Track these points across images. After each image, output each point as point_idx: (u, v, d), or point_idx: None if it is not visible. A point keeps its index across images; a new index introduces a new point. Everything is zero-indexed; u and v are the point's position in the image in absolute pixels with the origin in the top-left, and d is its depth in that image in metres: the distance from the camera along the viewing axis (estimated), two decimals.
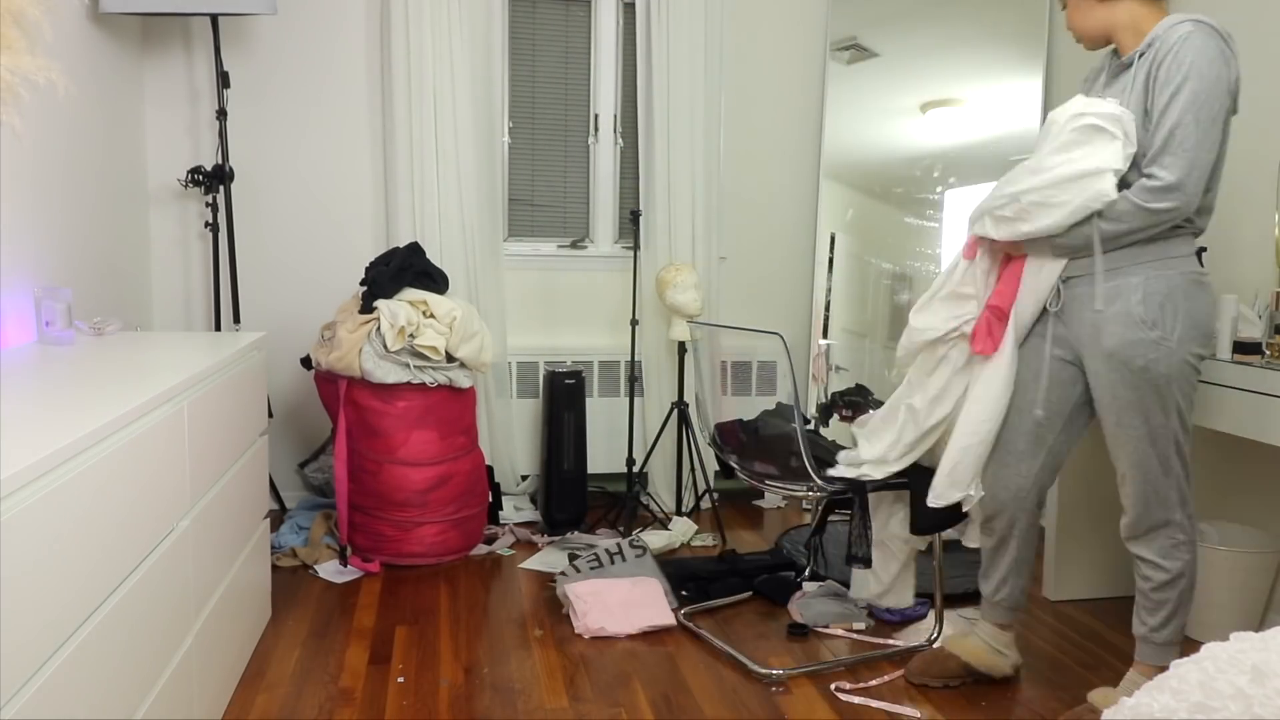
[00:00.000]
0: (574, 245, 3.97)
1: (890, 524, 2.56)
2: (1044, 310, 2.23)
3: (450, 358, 3.19)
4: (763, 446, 2.78)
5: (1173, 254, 2.06)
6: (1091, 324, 2.12)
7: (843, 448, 2.56)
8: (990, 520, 2.36)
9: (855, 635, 2.73)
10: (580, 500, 3.58)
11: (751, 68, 4.00)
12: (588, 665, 2.52)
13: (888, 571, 2.58)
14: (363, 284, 3.24)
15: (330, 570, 3.11)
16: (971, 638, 2.45)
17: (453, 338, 3.15)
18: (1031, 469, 2.28)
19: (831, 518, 2.87)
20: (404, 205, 3.63)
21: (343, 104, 3.71)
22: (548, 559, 3.27)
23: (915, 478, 2.45)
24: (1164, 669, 2.12)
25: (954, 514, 2.40)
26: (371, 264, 3.27)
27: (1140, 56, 2.06)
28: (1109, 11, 2.15)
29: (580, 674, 2.47)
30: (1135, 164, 2.06)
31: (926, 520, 2.42)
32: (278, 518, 3.53)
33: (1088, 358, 2.15)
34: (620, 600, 2.77)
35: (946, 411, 2.33)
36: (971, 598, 3.00)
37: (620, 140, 3.99)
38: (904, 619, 2.83)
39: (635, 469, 3.68)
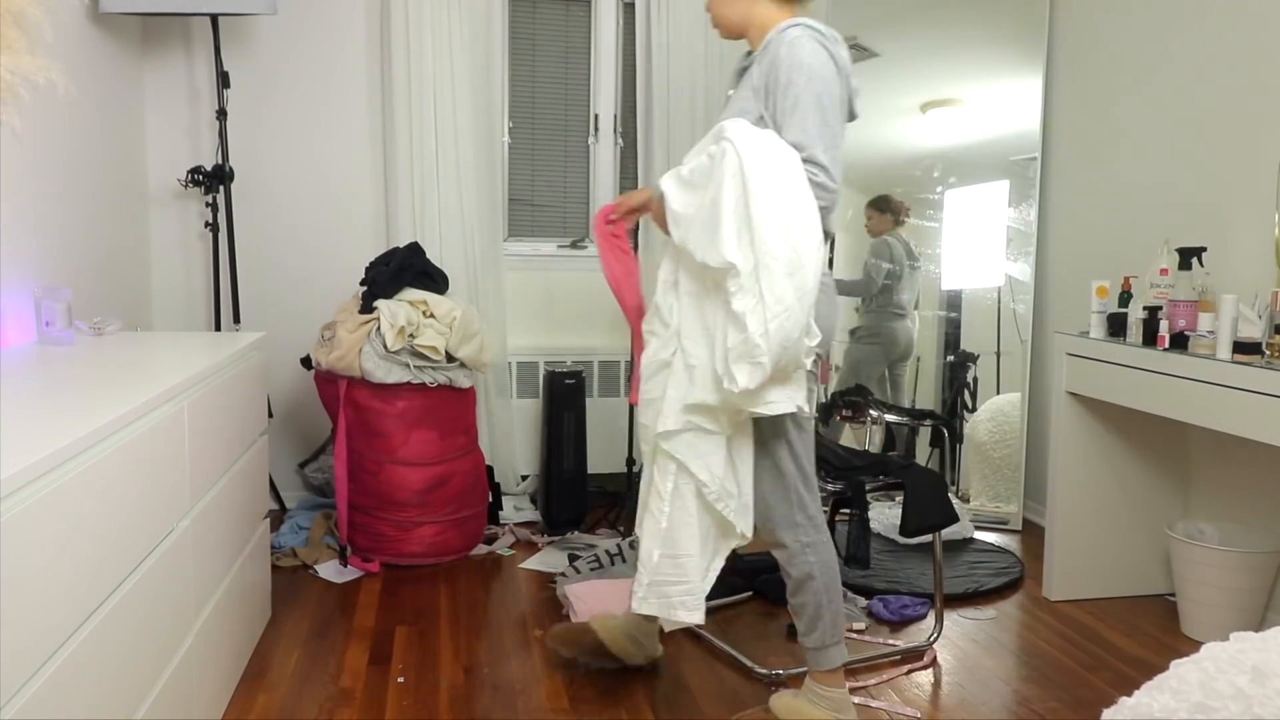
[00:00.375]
0: (574, 245, 3.97)
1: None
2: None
3: (450, 358, 3.19)
4: None
5: None
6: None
7: (843, 448, 2.57)
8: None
9: (855, 635, 2.73)
10: (580, 500, 3.58)
11: None
12: (588, 665, 2.52)
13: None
14: (363, 284, 3.24)
15: (330, 570, 3.11)
16: (614, 621, 2.42)
17: (453, 338, 3.15)
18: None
19: (834, 518, 2.87)
20: (404, 205, 3.63)
21: (343, 104, 3.71)
22: (548, 559, 3.27)
23: (912, 477, 2.45)
24: (836, 672, 2.13)
25: (945, 517, 2.39)
26: (371, 264, 3.27)
27: (761, 54, 2.04)
28: (751, 7, 2.10)
29: (580, 674, 2.47)
30: None
31: (915, 523, 2.40)
32: (278, 518, 3.53)
33: None
34: (620, 600, 2.76)
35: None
36: (971, 597, 3.01)
37: (620, 140, 3.99)
38: (903, 619, 2.83)
39: (635, 469, 3.68)
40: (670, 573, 2.05)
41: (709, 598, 2.93)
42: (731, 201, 1.84)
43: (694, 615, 2.05)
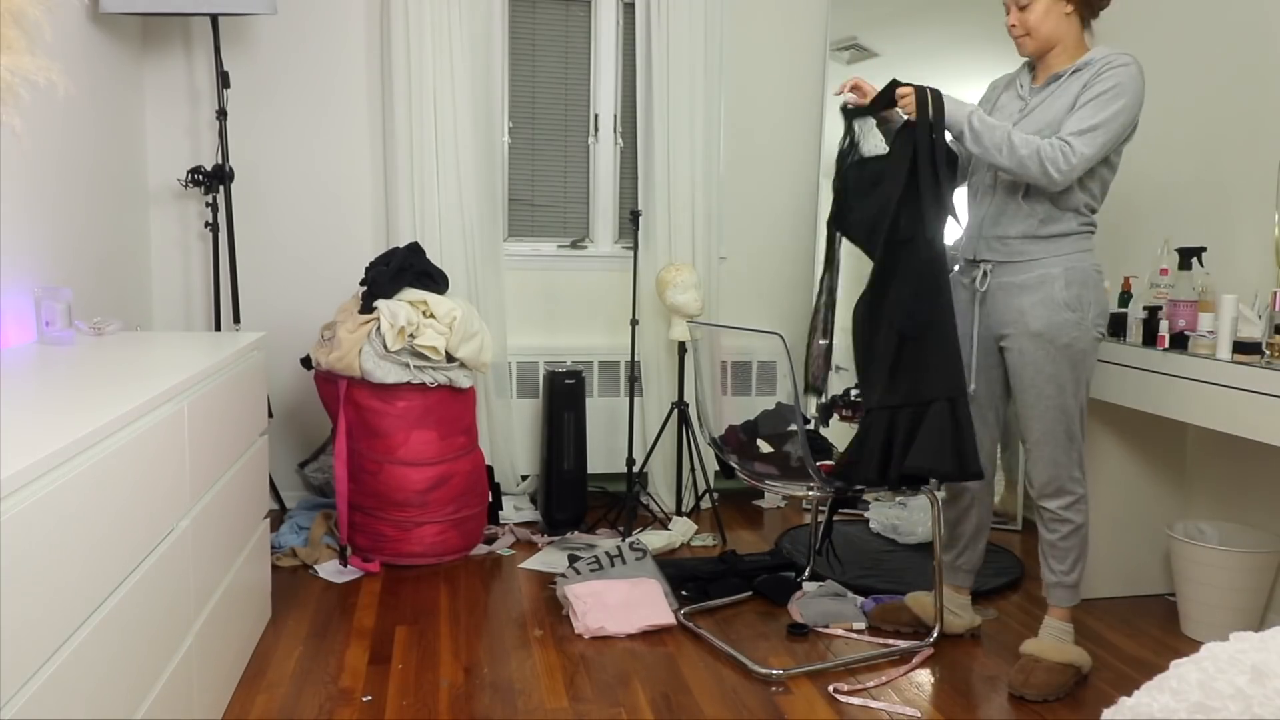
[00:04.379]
0: (574, 245, 3.97)
1: None
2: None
3: (450, 358, 3.19)
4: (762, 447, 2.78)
5: (1084, 248, 2.39)
6: (1016, 309, 2.40)
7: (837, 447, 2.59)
8: (957, 495, 2.65)
9: (855, 635, 2.73)
10: (580, 500, 3.58)
11: (751, 68, 4.00)
12: (588, 665, 2.52)
13: None
14: (362, 284, 3.24)
15: (330, 570, 3.11)
16: (928, 596, 2.71)
17: (453, 338, 3.15)
18: (982, 442, 2.56)
19: (835, 517, 2.88)
20: (404, 205, 3.63)
21: (343, 104, 3.71)
22: (548, 559, 3.27)
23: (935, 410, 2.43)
24: (1071, 610, 2.51)
25: (959, 467, 2.40)
26: (371, 264, 3.27)
27: (1075, 72, 2.32)
28: (1070, 25, 2.36)
29: (580, 674, 2.47)
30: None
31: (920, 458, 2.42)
32: (278, 518, 3.53)
33: (1012, 337, 2.42)
34: (620, 600, 2.77)
35: None
36: (971, 597, 3.00)
37: (620, 140, 3.99)
38: None
39: (635, 469, 3.68)
40: None
41: (709, 597, 2.94)
42: None
43: None
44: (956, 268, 2.55)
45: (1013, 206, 2.39)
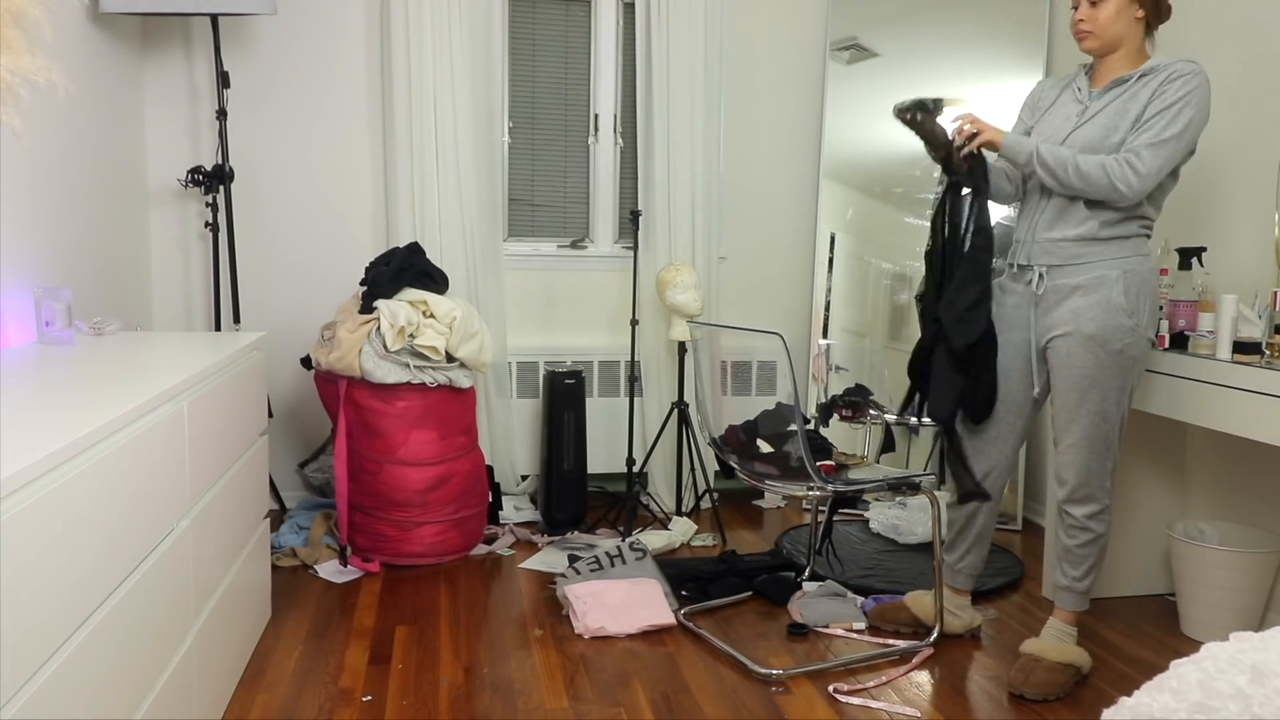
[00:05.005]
0: (574, 245, 3.97)
1: None
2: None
3: (450, 358, 3.19)
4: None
5: (1142, 251, 2.35)
6: (1071, 310, 2.36)
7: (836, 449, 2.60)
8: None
9: (855, 635, 2.73)
10: (580, 500, 3.58)
11: (751, 68, 4.00)
12: (588, 665, 2.52)
13: None
14: (362, 284, 3.24)
15: (330, 570, 3.11)
16: (928, 596, 2.70)
17: (453, 338, 3.15)
18: (1004, 451, 2.55)
19: (835, 517, 2.88)
20: (404, 205, 3.63)
21: (343, 104, 3.71)
22: (548, 559, 3.27)
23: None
24: (1080, 614, 2.51)
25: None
26: (371, 264, 3.27)
27: (1141, 77, 2.30)
28: (1136, 30, 2.34)
29: (580, 674, 2.47)
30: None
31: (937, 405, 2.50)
32: (278, 518, 3.53)
33: (1061, 339, 2.37)
34: (620, 600, 2.77)
35: None
36: (971, 597, 3.00)
37: (620, 140, 3.99)
38: None
39: (635, 469, 3.68)
40: None
41: (709, 597, 2.94)
42: None
43: None
44: (1003, 275, 2.52)
45: (1071, 210, 2.35)
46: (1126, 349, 2.32)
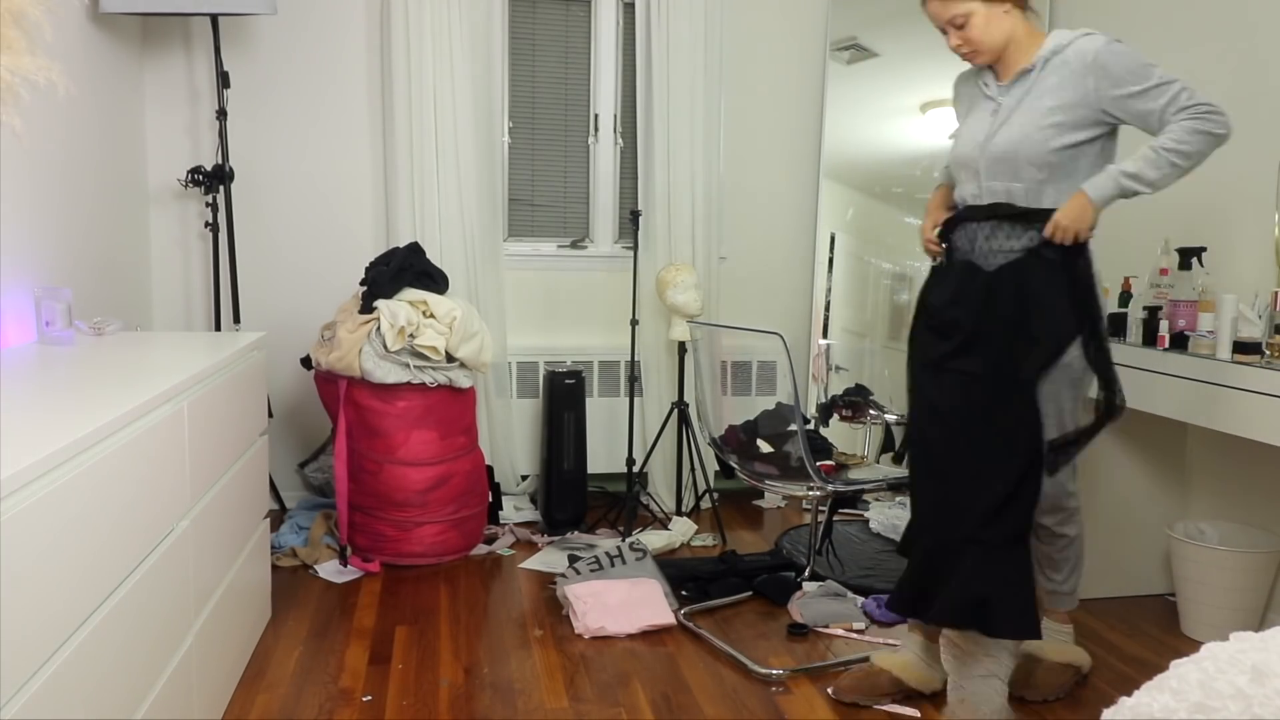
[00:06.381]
0: (574, 245, 3.97)
1: None
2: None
3: (450, 358, 3.19)
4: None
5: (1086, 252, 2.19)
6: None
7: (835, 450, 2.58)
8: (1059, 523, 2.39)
9: (855, 635, 2.73)
10: (580, 500, 3.58)
11: (751, 68, 4.00)
12: (588, 665, 2.52)
13: None
14: (363, 284, 3.24)
15: (330, 570, 3.11)
16: (902, 652, 2.41)
17: (453, 338, 3.15)
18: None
19: (834, 517, 2.87)
20: (404, 205, 3.63)
21: (343, 104, 3.71)
22: (548, 559, 3.27)
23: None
24: (1072, 613, 2.49)
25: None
26: (371, 264, 3.27)
27: (1047, 63, 2.17)
28: (1014, 20, 2.22)
29: (580, 674, 2.47)
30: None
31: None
32: (278, 518, 3.53)
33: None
34: (620, 600, 2.77)
35: None
36: None
37: (620, 140, 3.99)
38: (902, 620, 2.83)
39: (635, 469, 3.68)
40: None
41: (709, 597, 2.94)
42: None
43: None
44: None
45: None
46: (1073, 361, 2.16)
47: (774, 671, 2.47)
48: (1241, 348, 2.40)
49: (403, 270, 3.24)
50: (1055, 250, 2.14)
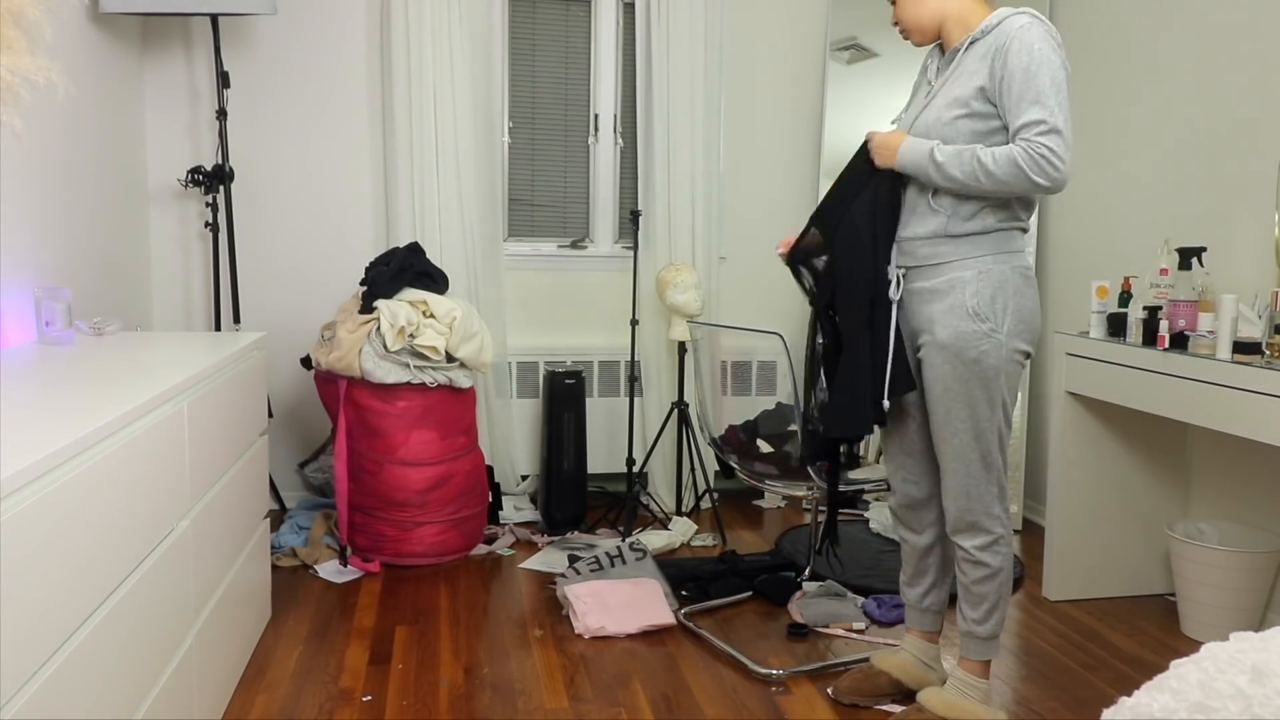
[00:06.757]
0: (574, 245, 3.97)
1: None
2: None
3: (450, 358, 3.19)
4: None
5: (1006, 248, 2.08)
6: (926, 317, 2.12)
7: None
8: (916, 526, 2.30)
9: (855, 635, 2.73)
10: (580, 500, 3.58)
11: (751, 68, 4.00)
12: (588, 665, 2.52)
13: None
14: (362, 284, 3.24)
15: (330, 570, 3.11)
16: (900, 653, 2.38)
17: (453, 338, 3.15)
18: (925, 469, 2.26)
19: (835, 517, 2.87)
20: (404, 205, 3.64)
21: (343, 104, 3.71)
22: (548, 559, 3.27)
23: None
24: (987, 664, 2.19)
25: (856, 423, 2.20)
26: (371, 264, 3.27)
27: (972, 43, 2.06)
28: (941, 2, 2.12)
29: (580, 674, 2.47)
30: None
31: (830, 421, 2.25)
32: (278, 518, 3.53)
33: (923, 349, 2.13)
34: (620, 600, 2.77)
35: None
36: None
37: (620, 140, 3.99)
38: (901, 620, 2.83)
39: (635, 469, 3.68)
40: None
41: (709, 597, 2.94)
42: None
43: None
44: None
45: (921, 205, 2.10)
46: (982, 358, 2.05)
47: (774, 672, 2.47)
48: (1241, 348, 2.40)
49: (403, 270, 3.24)
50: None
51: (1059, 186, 1.98)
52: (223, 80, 3.38)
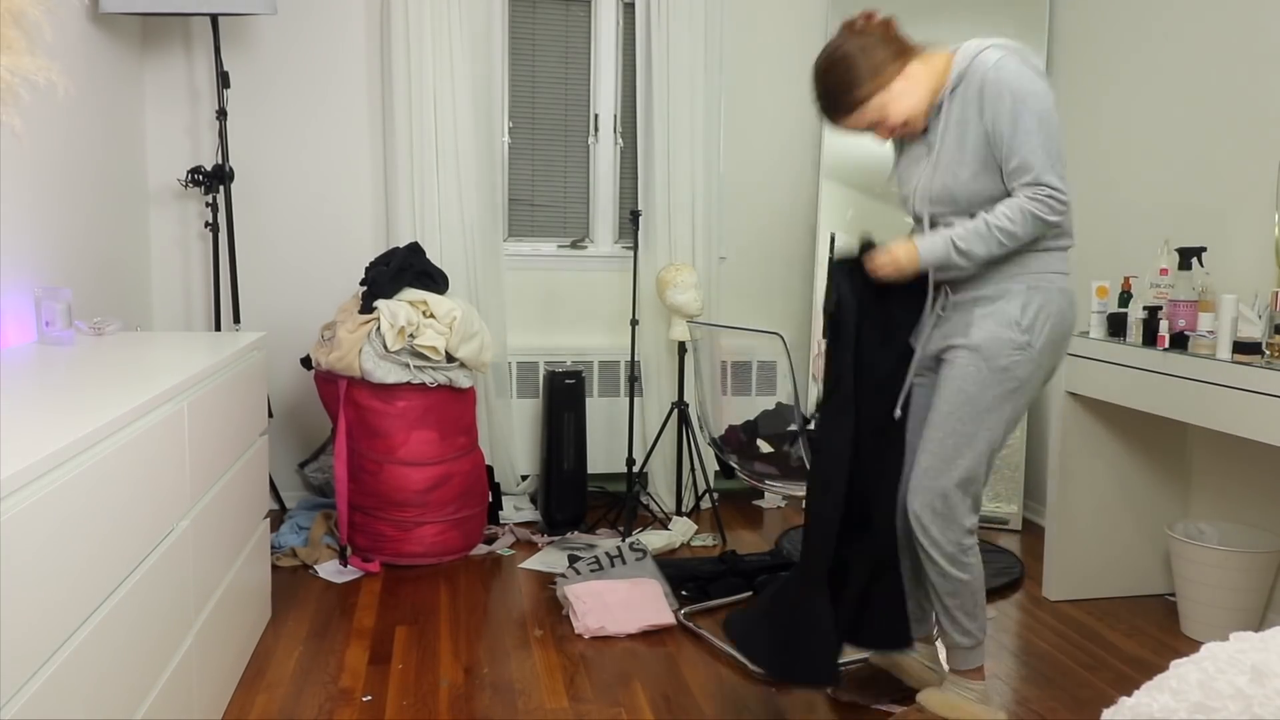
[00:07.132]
0: (574, 245, 3.97)
1: None
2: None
3: (450, 358, 3.19)
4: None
5: (1054, 269, 2.10)
6: (965, 322, 2.12)
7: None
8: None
9: None
10: (580, 500, 3.58)
11: (751, 68, 4.00)
12: (588, 665, 2.52)
13: None
14: (362, 284, 3.24)
15: (330, 570, 3.11)
16: (907, 658, 2.37)
17: (453, 338, 3.15)
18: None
19: None
20: (404, 205, 3.64)
21: (343, 104, 3.71)
22: (548, 559, 3.27)
23: None
24: (980, 668, 2.20)
25: None
26: (371, 264, 3.27)
27: (952, 93, 2.06)
28: (911, 75, 2.10)
29: (580, 674, 2.47)
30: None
31: None
32: (278, 518, 3.53)
33: (951, 350, 2.12)
34: (620, 600, 2.77)
35: None
36: None
37: (620, 140, 3.99)
38: None
39: (635, 469, 3.68)
40: None
41: (709, 597, 2.94)
42: None
43: None
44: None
45: None
46: (1013, 368, 2.05)
47: None
48: (1241, 348, 2.40)
49: (403, 270, 3.24)
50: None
51: (1062, 217, 2.01)
52: (223, 80, 3.38)
